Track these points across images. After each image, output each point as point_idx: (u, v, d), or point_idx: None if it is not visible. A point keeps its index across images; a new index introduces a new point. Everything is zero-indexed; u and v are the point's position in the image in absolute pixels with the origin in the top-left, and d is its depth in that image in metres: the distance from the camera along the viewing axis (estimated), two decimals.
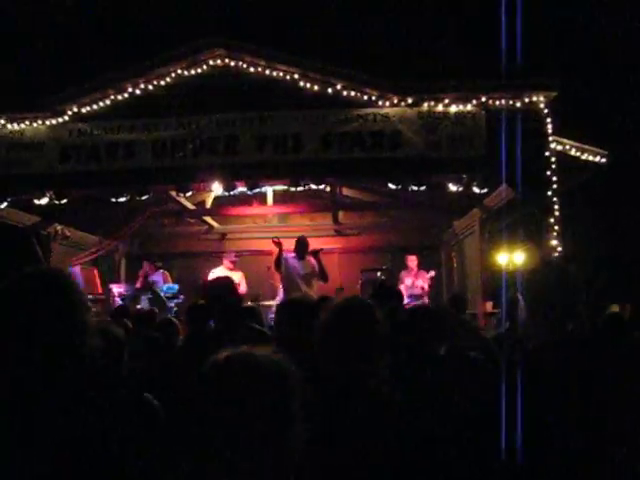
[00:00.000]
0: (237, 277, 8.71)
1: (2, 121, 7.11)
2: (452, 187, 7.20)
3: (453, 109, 6.85)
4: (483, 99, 6.84)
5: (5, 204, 7.61)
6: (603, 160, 7.39)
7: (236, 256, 9.05)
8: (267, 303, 8.80)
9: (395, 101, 6.87)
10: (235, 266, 8.87)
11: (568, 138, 7.14)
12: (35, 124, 7.15)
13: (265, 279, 9.29)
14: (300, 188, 7.20)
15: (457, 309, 5.50)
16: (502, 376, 2.19)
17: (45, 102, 7.11)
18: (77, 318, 1.54)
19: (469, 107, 6.86)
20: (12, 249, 9.39)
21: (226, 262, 8.80)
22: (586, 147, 7.38)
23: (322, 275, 7.40)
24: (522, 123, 6.69)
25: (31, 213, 8.58)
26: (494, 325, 6.82)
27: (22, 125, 7.14)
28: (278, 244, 7.43)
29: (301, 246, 7.42)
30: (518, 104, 6.85)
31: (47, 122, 7.13)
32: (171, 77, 7.12)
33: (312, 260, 7.43)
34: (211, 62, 7.09)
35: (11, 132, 7.16)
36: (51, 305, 1.52)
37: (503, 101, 6.86)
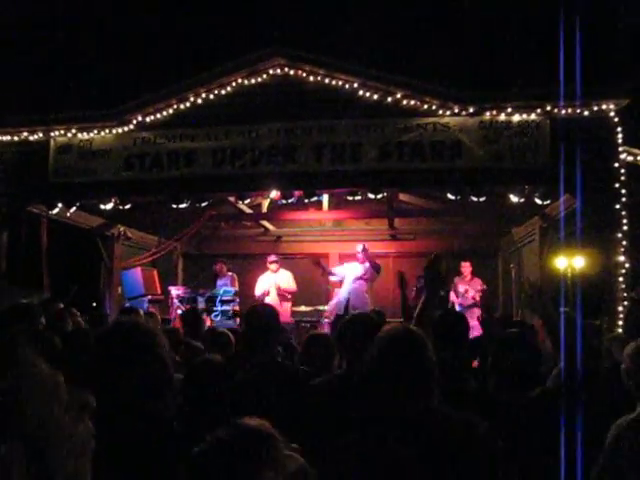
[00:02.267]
0: (285, 277, 8.81)
1: (73, 130, 7.39)
2: (513, 198, 7.03)
3: (516, 118, 6.68)
4: (548, 108, 6.63)
5: (74, 208, 7.92)
6: None
7: (277, 256, 9.11)
8: (321, 308, 8.88)
9: (456, 110, 6.75)
10: (279, 267, 8.92)
11: None
12: (103, 133, 7.40)
13: (319, 282, 9.36)
14: (358, 197, 7.20)
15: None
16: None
17: (112, 112, 7.35)
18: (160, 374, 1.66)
19: (533, 116, 6.67)
20: (79, 249, 9.82)
21: (269, 266, 8.85)
22: None
23: (376, 268, 7.86)
24: (590, 132, 6.48)
25: (96, 215, 8.92)
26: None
27: (91, 134, 7.41)
28: (317, 264, 8.02)
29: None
30: (586, 113, 6.62)
31: (114, 131, 7.37)
32: (232, 86, 7.22)
33: (366, 263, 7.70)
34: (271, 71, 7.15)
35: (81, 141, 7.44)
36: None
37: (570, 110, 6.63)
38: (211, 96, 7.27)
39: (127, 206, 7.82)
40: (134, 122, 7.36)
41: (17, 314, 3.49)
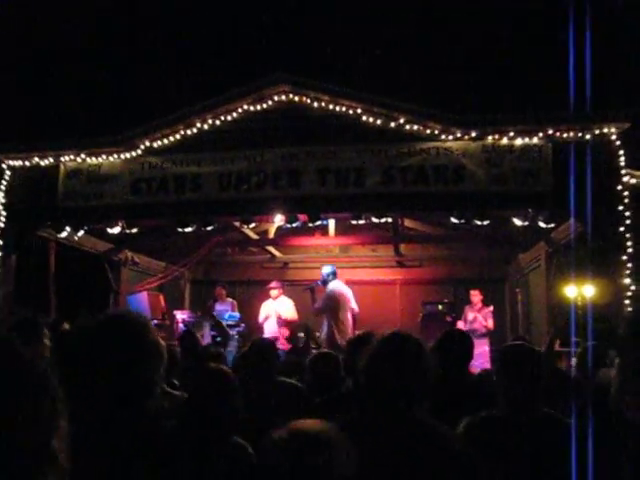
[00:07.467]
0: (286, 305, 8.84)
1: (83, 155, 7.54)
2: (517, 222, 7.02)
3: (518, 142, 6.72)
4: (550, 132, 6.67)
5: (82, 232, 8.02)
6: None
7: (278, 283, 9.17)
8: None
9: (458, 135, 6.81)
10: (280, 294, 8.97)
11: None
12: (111, 158, 7.54)
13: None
14: (362, 221, 7.22)
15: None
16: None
17: (120, 138, 7.50)
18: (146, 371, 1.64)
19: (535, 140, 6.71)
20: (87, 273, 9.90)
21: (270, 292, 8.94)
22: None
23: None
24: (592, 156, 6.49)
25: (104, 240, 9.02)
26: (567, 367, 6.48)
27: (100, 159, 7.55)
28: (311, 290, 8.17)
29: None
30: (587, 136, 6.64)
31: (122, 156, 7.51)
32: (237, 112, 7.35)
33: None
34: (276, 98, 7.28)
35: (90, 166, 7.58)
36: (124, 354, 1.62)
37: (571, 133, 6.67)
38: (217, 122, 7.39)
39: (134, 230, 7.91)
40: (142, 147, 7.49)
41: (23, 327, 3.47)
